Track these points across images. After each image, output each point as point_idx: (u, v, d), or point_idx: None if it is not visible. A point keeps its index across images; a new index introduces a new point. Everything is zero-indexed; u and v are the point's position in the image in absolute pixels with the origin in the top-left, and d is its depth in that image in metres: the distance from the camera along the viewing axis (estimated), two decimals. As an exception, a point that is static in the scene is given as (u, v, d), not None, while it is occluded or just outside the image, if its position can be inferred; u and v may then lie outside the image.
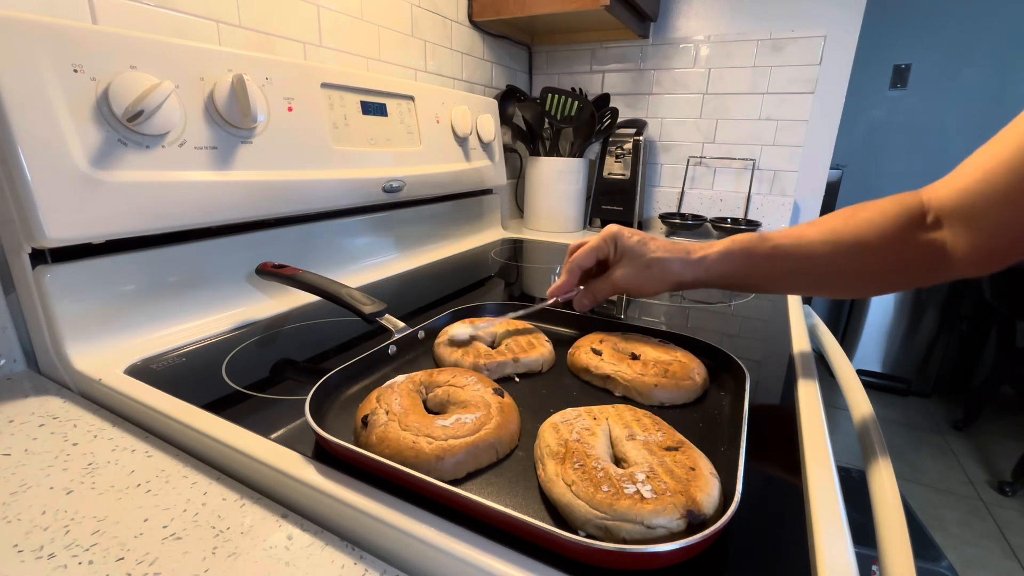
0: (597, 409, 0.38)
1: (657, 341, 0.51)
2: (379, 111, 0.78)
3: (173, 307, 0.55)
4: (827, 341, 0.63)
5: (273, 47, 0.72)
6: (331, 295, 0.54)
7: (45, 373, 0.51)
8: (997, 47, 2.21)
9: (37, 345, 0.50)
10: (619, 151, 1.27)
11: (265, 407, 0.42)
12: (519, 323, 0.56)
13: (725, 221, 1.25)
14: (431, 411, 0.39)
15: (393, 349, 0.50)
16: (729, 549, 0.29)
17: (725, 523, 0.26)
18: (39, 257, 0.46)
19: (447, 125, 0.93)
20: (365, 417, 0.36)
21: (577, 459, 0.31)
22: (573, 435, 0.34)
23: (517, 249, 1.08)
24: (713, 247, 0.48)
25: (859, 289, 0.45)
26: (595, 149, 1.33)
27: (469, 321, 0.54)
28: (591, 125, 1.18)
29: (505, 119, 1.23)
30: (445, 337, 0.51)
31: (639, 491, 0.28)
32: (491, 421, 0.36)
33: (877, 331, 2.30)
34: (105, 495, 0.33)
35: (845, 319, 2.45)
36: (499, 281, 0.84)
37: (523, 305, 0.57)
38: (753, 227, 1.20)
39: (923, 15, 2.30)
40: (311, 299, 0.67)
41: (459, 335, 0.50)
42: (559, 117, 1.15)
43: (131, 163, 0.48)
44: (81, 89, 0.45)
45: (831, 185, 2.11)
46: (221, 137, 0.55)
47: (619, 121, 1.28)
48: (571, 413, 0.38)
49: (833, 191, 2.30)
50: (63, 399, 0.45)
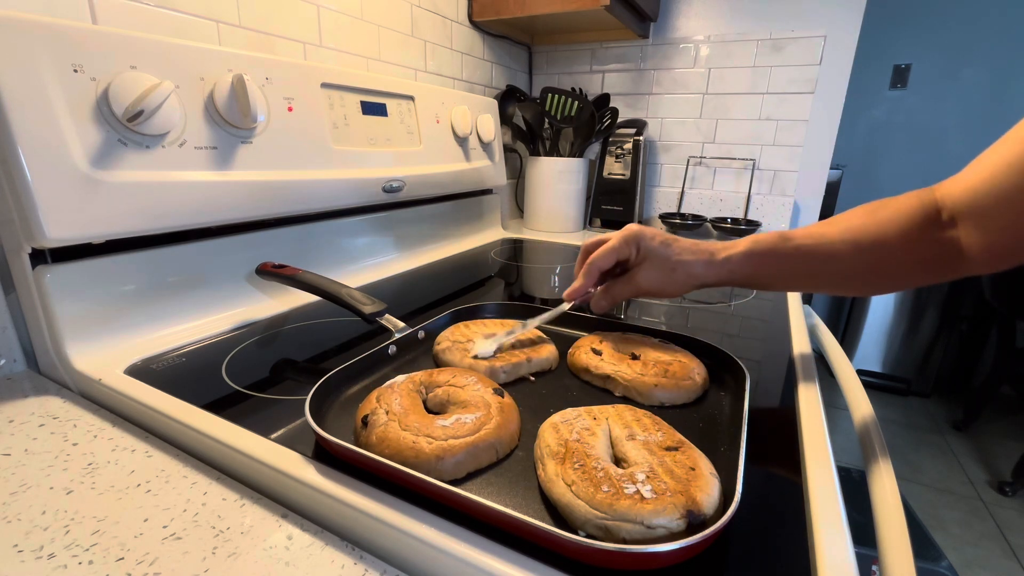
0: (597, 409, 0.38)
1: (657, 341, 0.51)
2: (379, 111, 0.78)
3: (173, 307, 0.55)
4: (827, 341, 0.63)
5: (273, 47, 0.72)
6: (331, 295, 0.54)
7: (45, 373, 0.51)
8: (997, 47, 2.21)
9: (37, 345, 0.50)
10: (619, 151, 1.27)
11: (265, 407, 0.42)
12: (517, 323, 0.55)
13: (725, 221, 1.24)
14: (431, 411, 0.39)
15: (393, 349, 0.50)
16: (729, 549, 0.29)
17: (725, 523, 0.26)
18: (39, 257, 0.46)
19: (447, 125, 0.93)
20: (365, 417, 0.36)
21: (577, 459, 0.31)
22: (573, 435, 0.34)
23: (517, 249, 1.08)
24: (736, 247, 0.47)
25: (878, 287, 0.45)
26: (595, 149, 1.33)
27: (484, 329, 0.52)
28: (591, 125, 1.18)
29: (505, 119, 1.23)
30: (448, 343, 0.50)
31: (639, 491, 0.28)
32: (491, 421, 0.36)
33: (877, 331, 2.30)
34: (105, 495, 0.33)
35: (845, 319, 2.45)
36: (499, 281, 0.84)
37: (543, 309, 0.56)
38: (753, 227, 1.20)
39: (923, 15, 2.30)
40: (311, 299, 0.67)
41: (485, 352, 0.48)
42: (559, 117, 1.15)
43: (131, 163, 0.48)
44: (81, 89, 0.45)
45: (831, 185, 2.11)
46: (221, 137, 0.55)
47: (619, 121, 1.28)
48: (571, 413, 0.38)
49: (833, 191, 2.30)
50: (63, 399, 0.45)
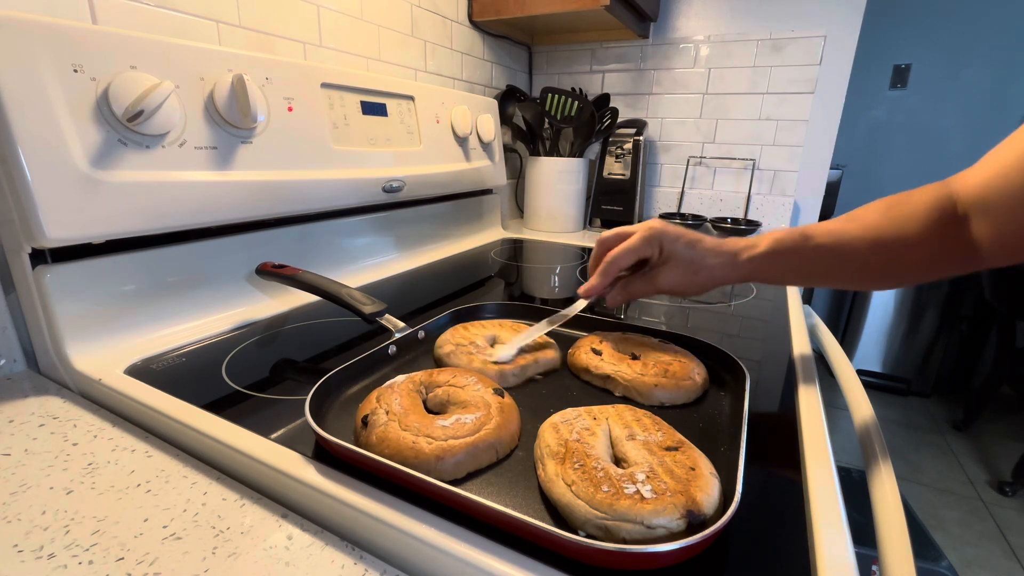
0: (597, 409, 0.38)
1: (657, 341, 0.51)
2: (379, 111, 0.78)
3: (173, 307, 0.55)
4: (827, 341, 0.63)
5: (273, 47, 0.72)
6: (331, 295, 0.54)
7: (45, 373, 0.51)
8: (997, 47, 2.21)
9: (37, 345, 0.50)
10: (619, 151, 1.27)
11: (265, 407, 0.42)
12: (521, 325, 0.55)
13: (725, 221, 1.24)
14: (431, 411, 0.39)
15: (393, 349, 0.50)
16: (729, 549, 0.29)
17: (725, 523, 0.26)
18: (39, 257, 0.46)
19: (447, 125, 0.93)
20: (365, 417, 0.36)
21: (577, 459, 0.31)
22: (573, 435, 0.34)
23: (517, 249, 1.08)
24: (758, 248, 0.47)
25: (895, 281, 0.45)
26: (595, 149, 1.33)
27: (483, 331, 0.52)
28: (591, 125, 1.18)
29: (505, 119, 1.23)
30: (451, 347, 0.49)
31: (639, 491, 0.28)
32: (491, 421, 0.36)
33: (877, 331, 2.30)
34: (105, 495, 0.33)
35: (845, 319, 2.45)
36: (499, 281, 0.84)
37: (554, 310, 0.55)
38: (753, 227, 1.20)
39: (923, 15, 2.30)
40: (311, 299, 0.67)
41: (505, 356, 0.47)
42: (559, 117, 1.15)
43: (131, 163, 0.48)
44: (81, 89, 0.45)
45: (831, 185, 2.11)
46: (221, 137, 0.55)
47: (619, 121, 1.28)
48: (571, 413, 0.38)
49: (833, 191, 2.30)
50: (63, 399, 0.45)
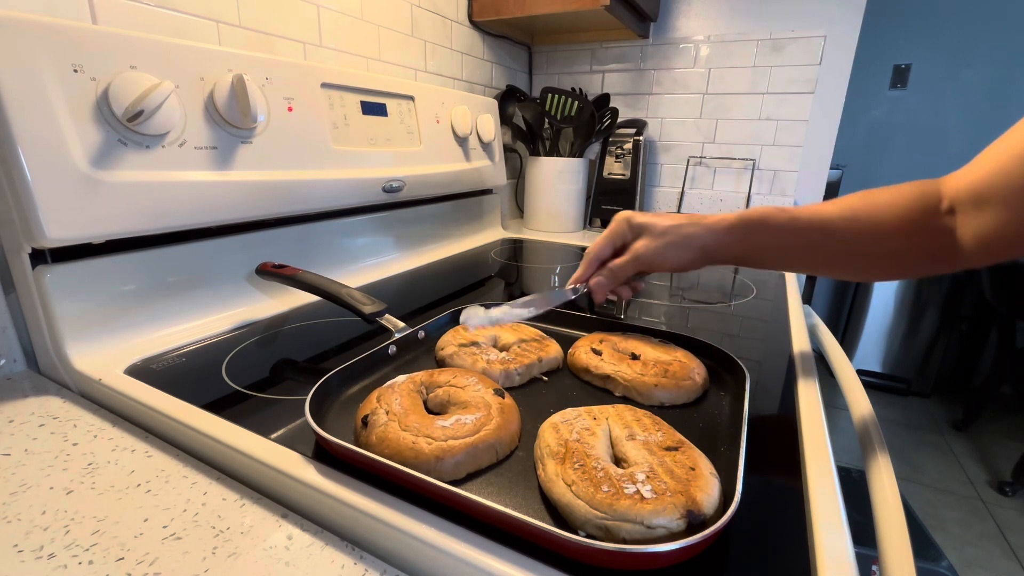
0: (597, 409, 0.38)
1: (657, 341, 0.51)
2: (379, 111, 0.78)
3: (173, 307, 0.55)
4: (827, 341, 0.63)
5: (273, 47, 0.72)
6: (331, 295, 0.54)
7: (45, 373, 0.51)
8: (997, 47, 2.21)
9: (37, 345, 0.50)
10: (619, 151, 1.27)
11: (265, 407, 0.42)
12: (523, 326, 0.56)
13: (725, 221, 1.24)
14: (431, 411, 0.39)
15: (393, 349, 0.50)
16: (729, 549, 0.29)
17: (725, 523, 0.26)
18: (39, 257, 0.46)
19: (447, 125, 0.93)
20: (365, 417, 0.36)
21: (577, 459, 0.31)
22: (573, 435, 0.34)
23: (517, 249, 1.08)
24: (730, 214, 0.47)
25: (871, 271, 0.45)
26: (595, 149, 1.33)
27: (485, 331, 0.52)
28: (591, 125, 1.18)
29: (505, 119, 1.23)
30: (453, 348, 0.49)
31: (639, 491, 0.28)
32: (491, 422, 0.36)
33: (877, 331, 2.30)
34: (105, 495, 0.33)
35: (845, 319, 2.45)
36: (499, 281, 0.84)
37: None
38: (753, 227, 1.19)
39: (923, 15, 2.30)
40: (311, 299, 0.67)
41: (476, 321, 0.49)
42: (559, 117, 1.15)
43: (131, 163, 0.48)
44: (81, 89, 0.45)
45: (831, 185, 2.11)
46: (221, 137, 0.55)
47: (619, 121, 1.28)
48: (571, 413, 0.38)
49: (833, 191, 2.30)
50: (63, 399, 0.45)
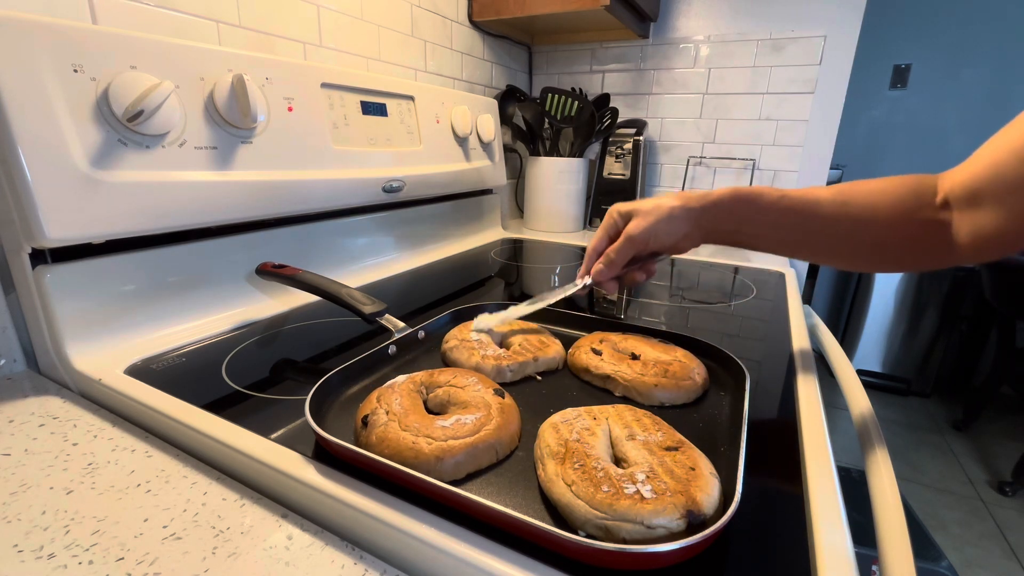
0: (597, 409, 0.38)
1: (657, 341, 0.51)
2: (379, 111, 0.78)
3: (173, 307, 0.55)
4: (827, 341, 0.63)
5: (273, 47, 0.72)
6: (331, 295, 0.54)
7: (45, 373, 0.51)
8: (997, 47, 2.21)
9: (37, 345, 0.50)
10: (619, 151, 1.27)
11: (265, 407, 0.42)
12: (530, 325, 0.56)
13: (725, 221, 1.24)
14: (432, 411, 0.39)
15: (393, 349, 0.50)
16: (729, 549, 0.29)
17: (725, 523, 0.26)
18: (39, 257, 0.46)
19: (447, 125, 0.93)
20: (365, 417, 0.36)
21: (577, 459, 0.31)
22: (573, 435, 0.34)
23: (517, 249, 1.08)
24: (721, 189, 0.47)
25: (861, 260, 0.45)
26: (595, 149, 1.33)
27: (506, 330, 0.54)
28: (591, 125, 1.18)
29: (505, 119, 1.23)
30: (456, 341, 0.51)
31: (639, 491, 0.28)
32: (491, 422, 0.36)
33: (877, 331, 2.30)
34: (105, 495, 0.33)
35: (845, 319, 2.45)
36: (499, 281, 0.84)
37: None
38: (753, 227, 1.20)
39: (923, 15, 2.30)
40: (311, 299, 0.67)
41: (482, 325, 0.53)
42: (559, 117, 1.15)
43: (131, 163, 0.48)
44: (81, 89, 0.45)
45: (831, 185, 2.11)
46: (221, 137, 0.55)
47: (619, 121, 1.28)
48: (571, 413, 0.38)
49: (833, 191, 2.30)
50: (63, 399, 0.45)
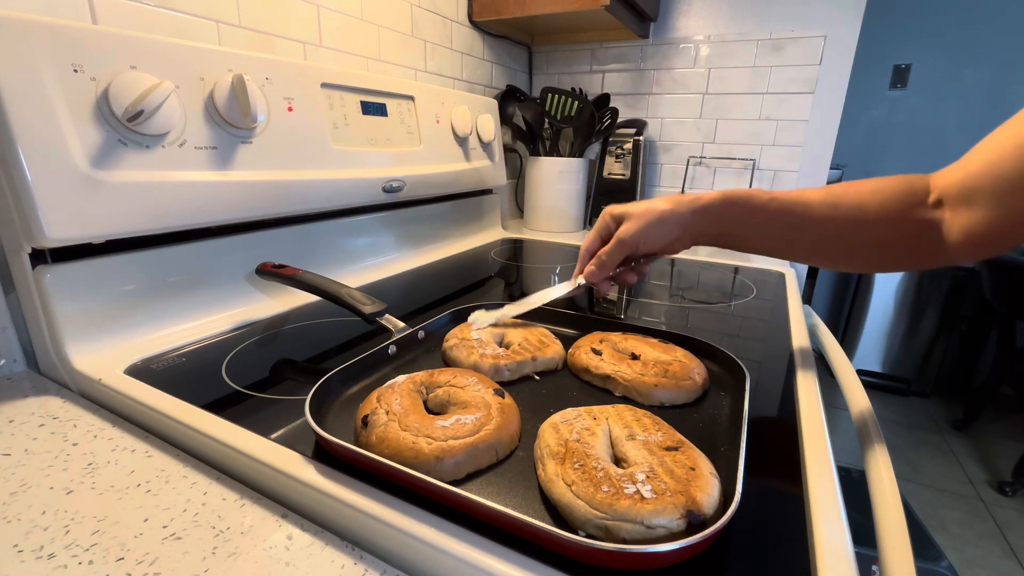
0: (597, 409, 0.38)
1: (657, 341, 0.51)
2: (379, 111, 0.78)
3: (173, 307, 0.55)
4: (827, 341, 0.63)
5: (273, 47, 0.72)
6: (331, 295, 0.54)
7: (45, 373, 0.51)
8: (997, 47, 2.21)
9: (37, 345, 0.50)
10: (619, 151, 1.27)
11: (265, 407, 0.42)
12: (532, 324, 0.56)
13: (725, 221, 1.24)
14: (432, 411, 0.39)
15: (393, 349, 0.50)
16: (729, 549, 0.29)
17: (725, 523, 0.26)
18: (39, 257, 0.46)
19: (447, 125, 0.93)
20: (365, 417, 0.36)
21: (577, 459, 0.31)
22: (573, 435, 0.34)
23: (517, 249, 1.08)
24: (711, 193, 0.47)
25: (853, 260, 0.45)
26: (595, 149, 1.33)
27: (492, 328, 0.54)
28: (591, 125, 1.18)
29: (505, 119, 1.23)
30: (456, 340, 0.51)
31: (639, 491, 0.28)
32: (491, 422, 0.36)
33: (877, 331, 2.30)
34: (105, 495, 0.33)
35: (845, 319, 2.45)
36: (499, 281, 0.84)
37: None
38: (753, 227, 1.20)
39: (923, 15, 2.30)
40: (311, 299, 0.67)
41: (481, 323, 0.54)
42: (559, 117, 1.15)
43: (131, 163, 0.48)
44: (81, 89, 0.45)
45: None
46: (221, 137, 0.55)
47: (619, 121, 1.28)
48: (571, 413, 0.38)
49: (833, 191, 2.30)
50: (63, 399, 0.45)
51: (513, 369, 0.47)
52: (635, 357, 0.47)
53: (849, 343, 2.37)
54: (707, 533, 0.25)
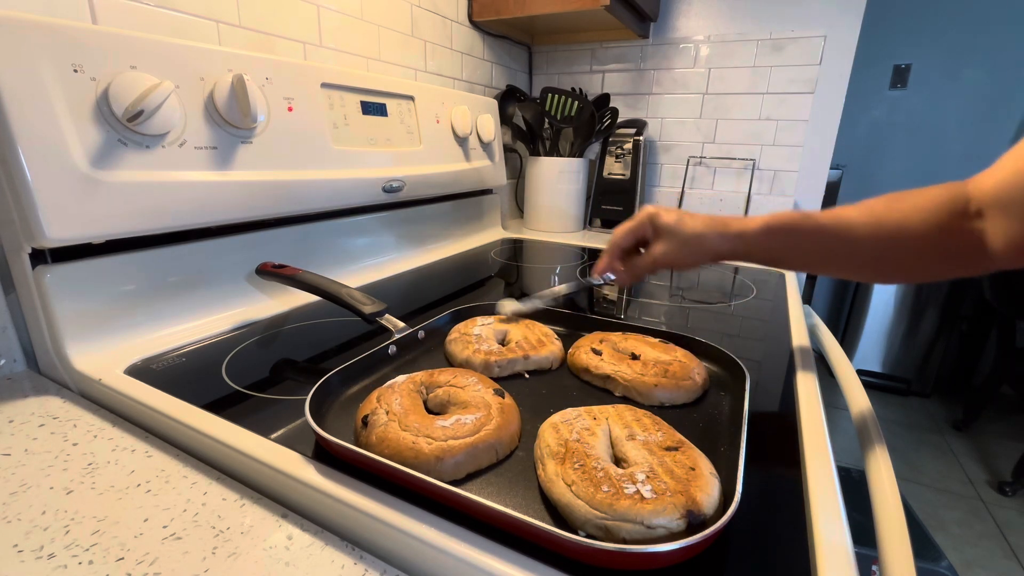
0: (597, 409, 0.38)
1: (657, 341, 0.51)
2: (379, 111, 0.78)
3: (173, 307, 0.55)
4: (827, 341, 0.63)
5: (273, 47, 0.72)
6: (331, 295, 0.54)
7: (45, 373, 0.51)
8: (997, 47, 2.20)
9: (37, 345, 0.50)
10: (619, 151, 1.27)
11: (265, 407, 0.42)
12: (536, 324, 0.56)
13: (725, 221, 1.24)
14: (432, 411, 0.39)
15: (393, 349, 0.50)
16: (729, 549, 0.29)
17: (725, 523, 0.26)
18: (39, 257, 0.46)
19: (447, 125, 0.93)
20: (365, 417, 0.36)
21: (577, 459, 0.31)
22: (573, 435, 0.34)
23: (517, 249, 1.08)
24: (753, 221, 0.47)
25: (898, 275, 0.44)
26: (595, 149, 1.33)
27: (512, 328, 0.55)
28: (591, 125, 1.18)
29: (505, 119, 1.23)
30: (457, 334, 0.52)
31: (639, 491, 0.28)
32: (491, 422, 0.36)
33: (877, 331, 2.30)
34: (105, 495, 0.33)
35: (845, 319, 2.45)
36: (499, 281, 0.84)
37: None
38: (753, 227, 1.20)
39: (923, 15, 2.30)
40: (311, 299, 0.67)
41: (507, 310, 0.57)
42: (559, 117, 1.15)
43: (131, 163, 0.48)
44: (81, 89, 0.45)
45: (831, 185, 2.10)
46: (221, 137, 0.55)
47: (619, 121, 1.28)
48: (571, 413, 0.38)
49: (833, 191, 2.30)
50: (63, 399, 0.45)
51: (504, 366, 0.47)
52: (635, 357, 0.47)
53: (849, 343, 2.37)
54: (707, 533, 0.25)
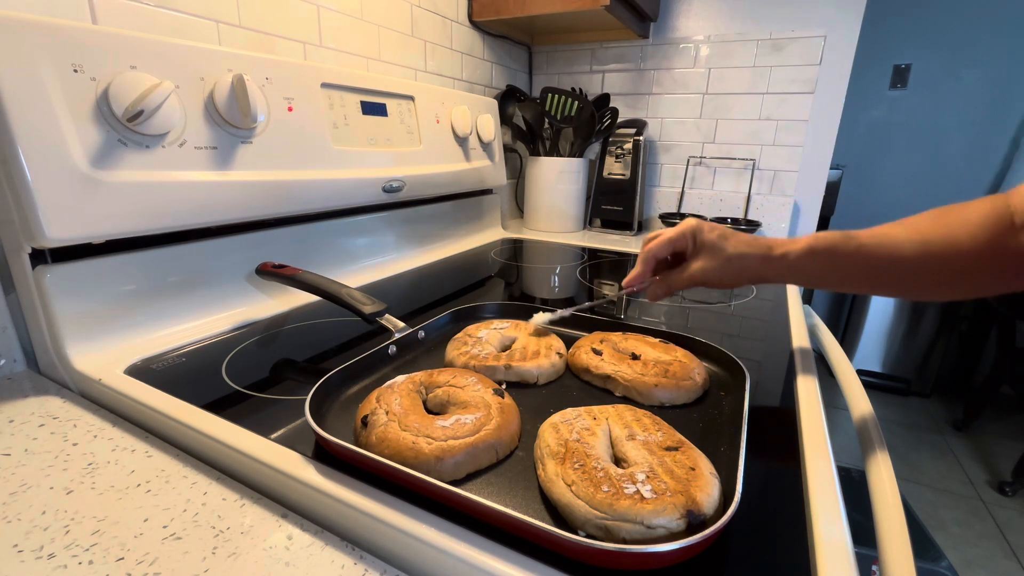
0: (597, 409, 0.38)
1: (657, 341, 0.51)
2: (379, 111, 0.78)
3: (173, 307, 0.55)
4: (827, 341, 0.63)
5: (273, 47, 0.72)
6: (331, 295, 0.54)
7: (45, 373, 0.51)
8: (997, 47, 2.20)
9: (37, 345, 0.50)
10: (619, 151, 1.27)
11: (265, 407, 0.42)
12: (545, 336, 0.54)
13: (725, 221, 1.24)
14: (431, 411, 0.39)
15: (393, 349, 0.50)
16: (729, 549, 0.29)
17: (725, 523, 0.26)
18: (39, 257, 0.46)
19: (447, 125, 0.93)
20: (365, 417, 0.36)
21: (577, 459, 0.31)
22: (573, 435, 0.34)
23: (517, 249, 1.08)
24: (796, 244, 0.46)
25: (946, 292, 0.43)
26: (595, 149, 1.33)
27: (517, 334, 0.54)
28: (591, 125, 1.18)
29: (505, 119, 1.23)
30: (460, 335, 0.52)
31: (639, 491, 0.28)
32: (491, 422, 0.36)
33: (877, 331, 2.30)
34: (105, 495, 0.33)
35: (845, 319, 2.45)
36: (499, 281, 0.84)
37: (552, 309, 0.57)
38: (753, 227, 1.20)
39: (923, 15, 2.30)
40: (311, 299, 0.67)
41: (543, 320, 0.56)
42: (559, 117, 1.15)
43: (131, 163, 0.48)
44: (81, 89, 0.45)
45: (831, 185, 2.11)
46: (221, 137, 0.55)
47: (619, 121, 1.28)
48: (571, 413, 0.38)
49: (833, 191, 2.30)
50: (63, 399, 0.45)
51: (483, 372, 0.46)
52: (635, 357, 0.47)
53: (849, 343, 2.37)
54: (707, 533, 0.25)
